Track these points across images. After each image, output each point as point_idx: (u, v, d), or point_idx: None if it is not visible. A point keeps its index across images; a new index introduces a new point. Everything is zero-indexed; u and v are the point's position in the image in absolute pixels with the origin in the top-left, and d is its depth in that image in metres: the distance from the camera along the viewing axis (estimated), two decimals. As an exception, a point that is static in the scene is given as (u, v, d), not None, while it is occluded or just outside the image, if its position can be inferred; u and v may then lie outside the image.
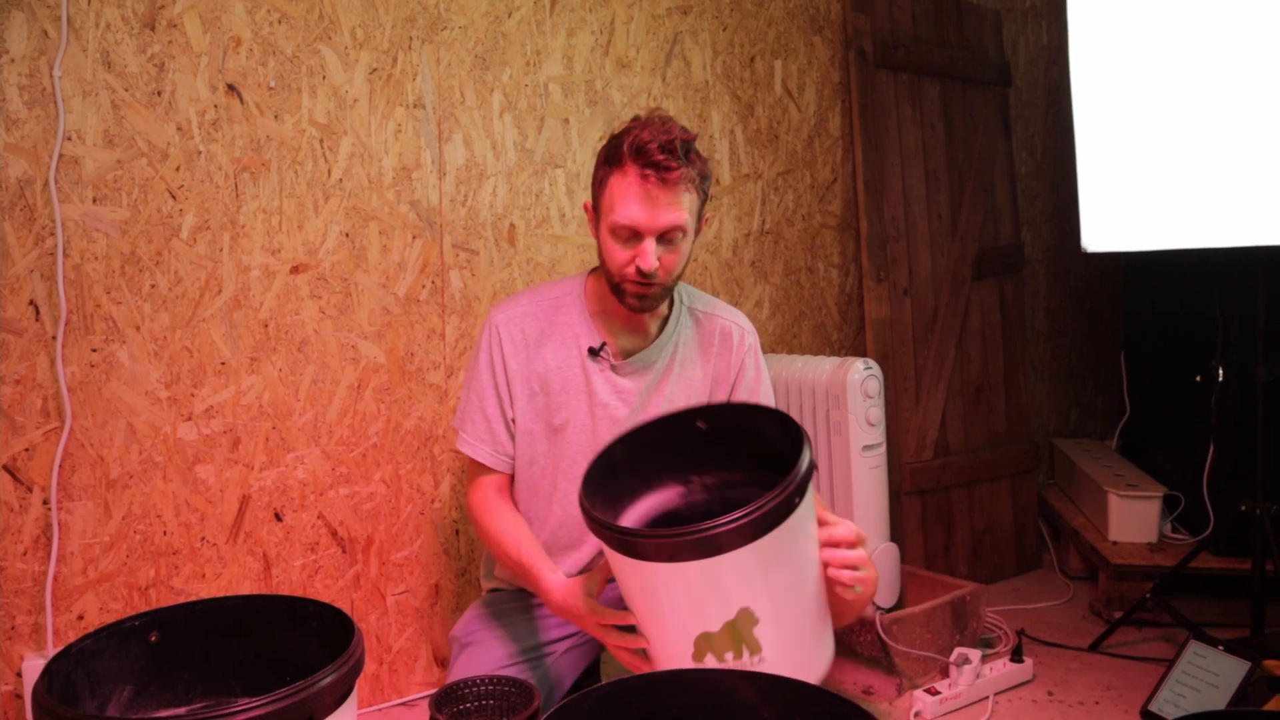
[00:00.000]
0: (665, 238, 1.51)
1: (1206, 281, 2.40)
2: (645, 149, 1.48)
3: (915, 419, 2.54)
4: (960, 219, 2.67)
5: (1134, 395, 2.94)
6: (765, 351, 2.47)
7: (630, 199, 1.49)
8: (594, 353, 1.62)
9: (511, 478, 1.68)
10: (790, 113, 2.53)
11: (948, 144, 2.67)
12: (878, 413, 2.15)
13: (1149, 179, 2.09)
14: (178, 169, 1.72)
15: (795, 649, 1.25)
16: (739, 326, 1.73)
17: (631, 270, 1.52)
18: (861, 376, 2.12)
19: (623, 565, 1.23)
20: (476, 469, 1.66)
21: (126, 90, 1.66)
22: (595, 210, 1.59)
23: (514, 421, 1.64)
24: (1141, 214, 2.11)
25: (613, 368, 1.63)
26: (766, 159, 2.49)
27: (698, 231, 1.59)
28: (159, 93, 1.69)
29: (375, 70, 1.90)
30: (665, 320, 1.68)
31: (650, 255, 1.50)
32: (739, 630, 1.18)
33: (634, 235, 1.51)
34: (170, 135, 1.71)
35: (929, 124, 2.64)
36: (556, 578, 1.50)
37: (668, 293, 1.61)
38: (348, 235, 1.89)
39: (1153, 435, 2.83)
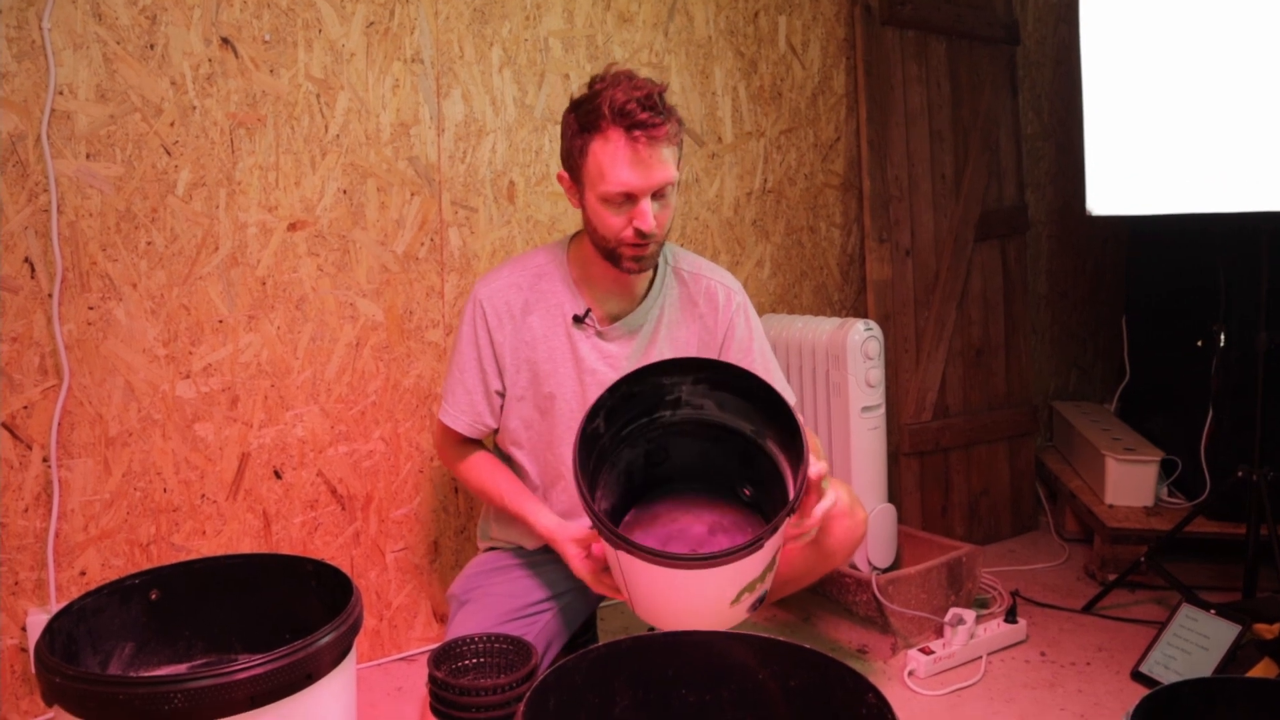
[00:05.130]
0: (657, 194, 1.50)
1: (1210, 246, 2.38)
2: (626, 109, 1.45)
3: (915, 380, 2.54)
4: (964, 180, 2.64)
5: (1134, 359, 2.93)
6: (765, 311, 2.47)
7: (620, 163, 1.46)
8: (578, 320, 1.62)
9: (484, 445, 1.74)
10: (794, 70, 2.49)
11: (953, 103, 2.63)
12: (877, 374, 2.14)
13: (1156, 142, 2.06)
14: (172, 124, 1.69)
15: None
16: (725, 286, 1.72)
17: (629, 234, 1.51)
18: (862, 338, 2.11)
19: (622, 560, 1.36)
20: (452, 436, 1.71)
21: (118, 43, 1.63)
22: (576, 181, 1.56)
23: (501, 394, 1.66)
24: (1148, 177, 2.08)
25: (598, 334, 1.63)
26: (769, 117, 2.46)
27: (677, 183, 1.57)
28: (151, 46, 1.66)
29: (372, 24, 1.87)
30: (651, 282, 1.68)
31: (649, 216, 1.49)
32: (764, 574, 1.39)
33: (628, 199, 1.49)
34: (164, 90, 1.68)
35: (934, 82, 2.60)
36: (547, 519, 1.60)
37: (661, 248, 1.61)
38: (345, 192, 1.87)
39: (1152, 399, 2.83)
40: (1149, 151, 2.08)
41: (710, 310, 1.70)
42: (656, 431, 1.51)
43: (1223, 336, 2.32)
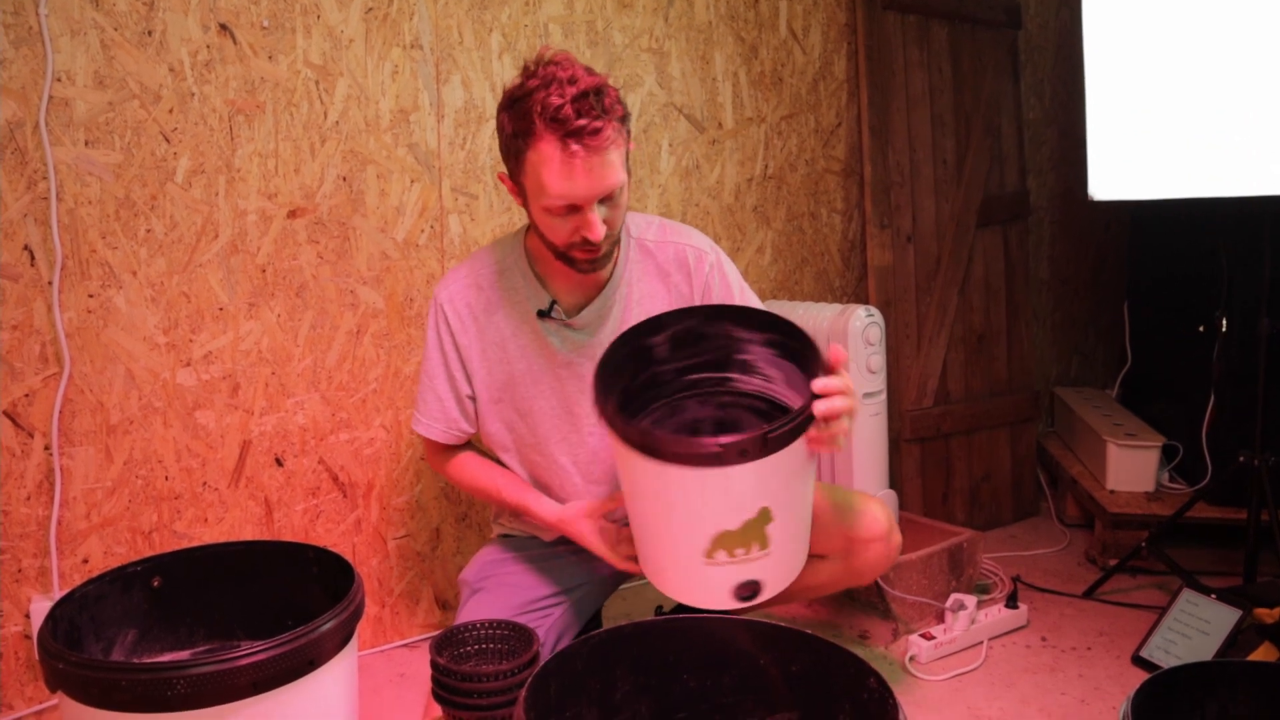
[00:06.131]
0: (604, 199, 1.40)
1: (1213, 232, 2.38)
2: (560, 115, 1.31)
3: (916, 366, 2.54)
4: (966, 165, 2.63)
5: (1136, 345, 2.92)
6: (766, 298, 2.47)
7: (558, 175, 1.35)
8: (543, 314, 1.55)
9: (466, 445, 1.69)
10: (795, 55, 2.48)
11: (955, 88, 2.62)
12: (879, 360, 2.14)
13: (1159, 127, 2.05)
14: (171, 111, 1.69)
15: (794, 545, 1.34)
16: (694, 248, 1.60)
17: (578, 239, 1.42)
18: (863, 324, 2.11)
19: (647, 470, 1.23)
20: (434, 446, 1.67)
21: (116, 29, 1.63)
22: (517, 184, 1.44)
23: (473, 398, 1.61)
24: (1150, 162, 2.07)
25: (566, 325, 1.56)
26: (770, 102, 2.45)
27: (629, 172, 1.46)
28: (149, 32, 1.66)
29: (371, 9, 1.86)
30: (615, 262, 1.58)
31: (596, 225, 1.38)
32: (756, 527, 1.24)
33: (572, 209, 1.39)
34: (162, 76, 1.67)
35: (936, 67, 2.59)
36: (550, 505, 1.58)
37: (616, 243, 1.52)
38: (345, 179, 1.87)
39: (1153, 385, 2.82)
40: (1151, 136, 2.07)
41: (683, 277, 1.60)
42: (727, 398, 1.39)
43: (1224, 322, 2.32)
